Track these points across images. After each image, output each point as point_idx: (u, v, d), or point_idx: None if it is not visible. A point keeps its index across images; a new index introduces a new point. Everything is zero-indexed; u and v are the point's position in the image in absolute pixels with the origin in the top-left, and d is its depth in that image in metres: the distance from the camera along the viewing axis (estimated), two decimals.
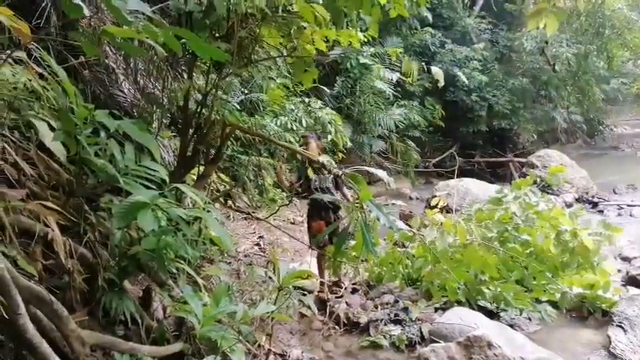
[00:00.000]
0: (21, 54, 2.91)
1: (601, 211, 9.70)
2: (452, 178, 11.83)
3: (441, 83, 3.95)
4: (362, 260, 4.97)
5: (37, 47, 3.21)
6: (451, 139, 16.09)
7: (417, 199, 11.58)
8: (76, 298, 2.56)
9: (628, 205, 9.91)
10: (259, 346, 3.40)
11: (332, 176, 4.73)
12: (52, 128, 2.78)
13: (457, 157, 15.47)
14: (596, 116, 20.62)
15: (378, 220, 3.21)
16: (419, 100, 14.29)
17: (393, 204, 10.86)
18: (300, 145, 5.07)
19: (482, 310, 4.46)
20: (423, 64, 4.29)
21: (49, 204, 2.60)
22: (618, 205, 10.09)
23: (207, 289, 3.58)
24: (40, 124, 2.76)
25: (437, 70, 3.98)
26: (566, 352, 3.92)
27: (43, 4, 3.76)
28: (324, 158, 4.63)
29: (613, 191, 11.51)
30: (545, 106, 18.19)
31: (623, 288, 5.04)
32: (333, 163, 5.07)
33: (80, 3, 2.39)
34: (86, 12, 2.68)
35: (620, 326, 4.28)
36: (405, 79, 5.08)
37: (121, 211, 2.58)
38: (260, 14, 3.75)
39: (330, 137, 9.43)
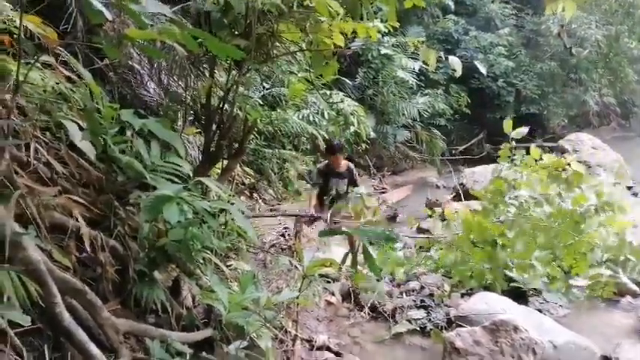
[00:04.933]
0: (48, 58, 3.04)
1: (635, 194, 9.43)
2: (480, 165, 11.67)
3: (459, 73, 3.92)
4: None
5: (64, 51, 3.36)
6: (478, 126, 15.87)
7: (444, 187, 11.49)
8: (109, 288, 2.69)
9: None
10: (286, 331, 3.48)
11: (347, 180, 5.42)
12: (81, 128, 2.90)
13: (484, 144, 15.25)
14: (630, 98, 19.97)
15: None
16: (443, 87, 14.14)
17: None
18: (328, 154, 5.62)
19: (510, 295, 4.43)
20: (441, 52, 4.27)
21: (77, 198, 2.73)
22: None
23: (234, 279, 3.69)
24: (69, 124, 2.89)
25: (454, 60, 3.95)
26: (596, 335, 3.87)
27: (70, 10, 3.91)
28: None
29: None
30: (575, 89, 17.70)
31: None
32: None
33: (102, 8, 2.49)
34: (109, 16, 2.79)
35: None
36: (427, 67, 5.07)
37: (148, 205, 2.68)
38: (276, 10, 3.80)
39: (352, 129, 9.43)
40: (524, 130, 5.18)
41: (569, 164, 5.05)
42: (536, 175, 4.99)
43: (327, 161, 5.51)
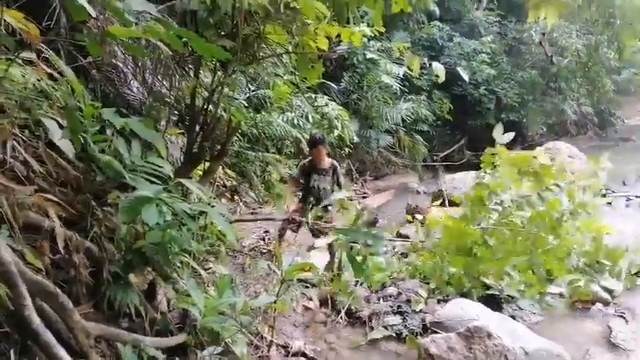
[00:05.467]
0: (30, 55, 2.97)
1: (609, 203, 9.58)
2: (461, 171, 11.76)
3: (442, 79, 3.95)
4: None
5: (46, 48, 3.28)
6: (459, 132, 15.99)
7: (425, 193, 11.54)
8: (82, 291, 2.63)
9: (637, 197, 9.78)
10: (262, 337, 3.45)
11: (330, 178, 5.29)
12: (60, 126, 2.85)
13: (465, 151, 15.39)
14: (607, 108, 20.35)
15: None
16: (427, 94, 14.20)
17: None
18: (310, 148, 5.40)
19: (485, 301, 4.46)
20: (426, 58, 4.29)
21: (51, 196, 2.67)
22: (627, 196, 9.97)
23: (212, 283, 3.64)
24: (49, 122, 2.83)
25: (438, 66, 3.98)
26: (567, 342, 3.92)
27: (53, 6, 3.83)
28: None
29: (623, 183, 11.35)
30: (554, 98, 17.97)
31: None
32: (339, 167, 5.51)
33: (86, 5, 2.43)
34: (92, 13, 2.73)
35: (622, 316, 4.28)
36: (411, 73, 5.09)
37: (126, 206, 2.63)
38: (263, 12, 3.77)
39: (336, 132, 9.42)
40: (510, 135, 5.18)
41: (535, 157, 5.05)
42: (508, 174, 5.00)
43: (310, 158, 5.40)
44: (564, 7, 3.67)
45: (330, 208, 5.31)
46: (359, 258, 3.83)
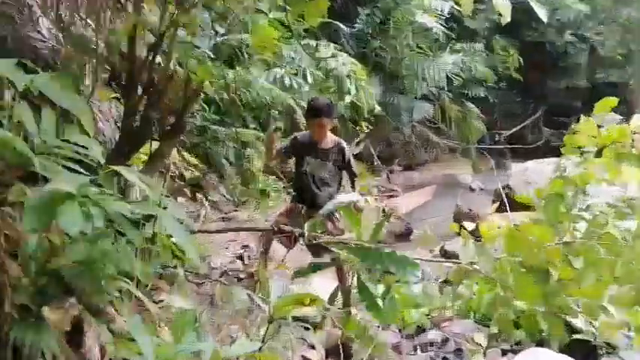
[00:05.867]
0: None
1: None
2: (536, 158, 11.79)
3: (507, 18, 3.97)
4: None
5: None
6: (534, 99, 16.05)
7: (482, 190, 11.61)
8: None
9: None
10: None
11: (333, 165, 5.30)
12: None
13: (543, 128, 15.42)
14: None
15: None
16: (484, 41, 14.24)
17: None
18: (307, 119, 5.51)
19: (574, 352, 4.50)
20: None
21: None
22: None
23: (165, 322, 3.68)
24: None
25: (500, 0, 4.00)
26: None
27: None
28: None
29: None
30: None
31: None
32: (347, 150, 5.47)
33: None
34: None
35: None
36: (460, 9, 5.09)
37: (35, 206, 2.65)
38: None
39: (348, 99, 9.43)
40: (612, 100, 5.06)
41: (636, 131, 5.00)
42: (599, 161, 4.98)
43: (307, 132, 5.44)
44: None
45: (335, 212, 5.31)
46: (379, 287, 3.85)
